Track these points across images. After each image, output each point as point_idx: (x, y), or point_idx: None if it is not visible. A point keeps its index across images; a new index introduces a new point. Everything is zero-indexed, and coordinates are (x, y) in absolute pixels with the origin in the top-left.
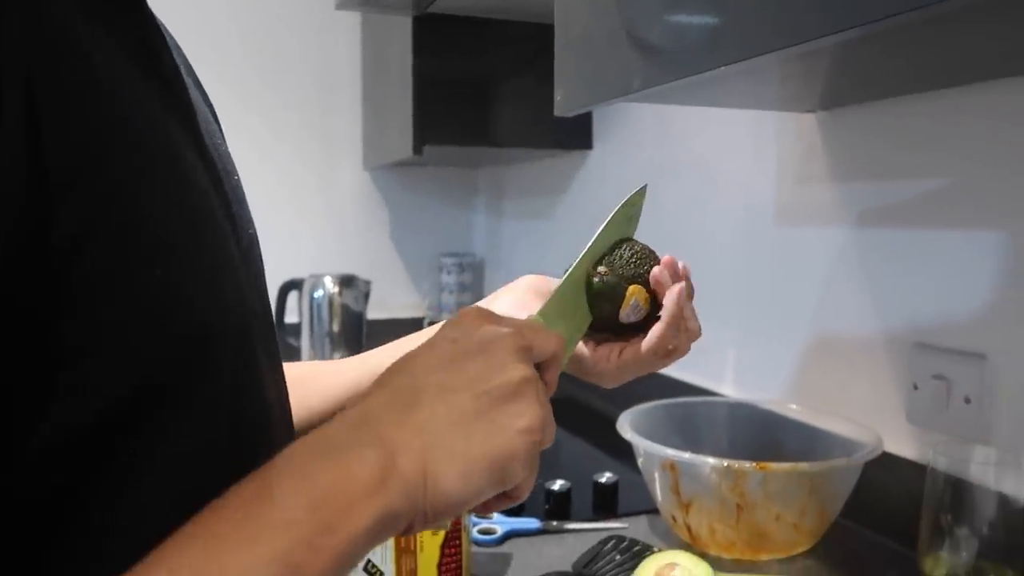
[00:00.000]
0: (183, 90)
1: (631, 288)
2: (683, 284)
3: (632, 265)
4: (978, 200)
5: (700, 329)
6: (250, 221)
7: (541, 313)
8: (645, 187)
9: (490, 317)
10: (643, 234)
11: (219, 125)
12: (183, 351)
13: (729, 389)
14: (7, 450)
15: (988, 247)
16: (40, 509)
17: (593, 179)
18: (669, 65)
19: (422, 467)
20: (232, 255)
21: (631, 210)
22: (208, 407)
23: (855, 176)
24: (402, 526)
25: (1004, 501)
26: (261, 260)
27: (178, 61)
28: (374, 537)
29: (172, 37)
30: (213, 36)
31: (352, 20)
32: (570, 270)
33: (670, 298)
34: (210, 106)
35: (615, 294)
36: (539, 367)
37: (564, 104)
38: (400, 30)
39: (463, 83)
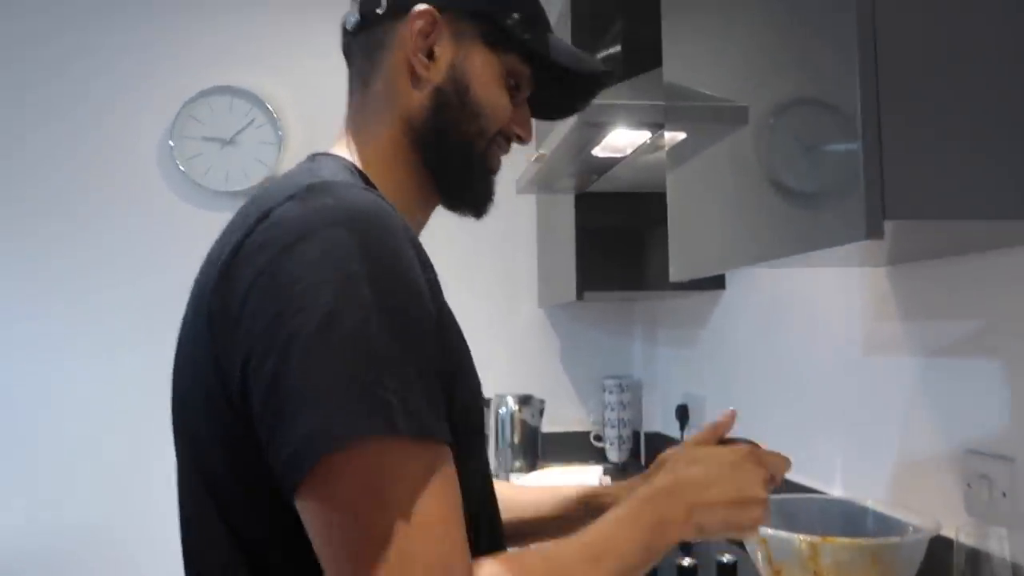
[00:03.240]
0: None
1: None
2: None
3: None
4: (1003, 337)
5: None
6: None
7: None
8: None
9: (754, 453)
10: (769, 357)
11: None
12: (476, 413)
13: (837, 490)
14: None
15: (1017, 373)
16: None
17: (727, 313)
18: (749, 251)
19: (692, 528)
20: (478, 380)
21: None
22: (482, 445)
23: (917, 317)
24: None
25: (1016, 569)
26: None
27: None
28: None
29: None
30: None
31: (530, 197)
32: None
33: None
34: None
35: None
36: None
37: (676, 273)
38: (565, 203)
39: (615, 242)
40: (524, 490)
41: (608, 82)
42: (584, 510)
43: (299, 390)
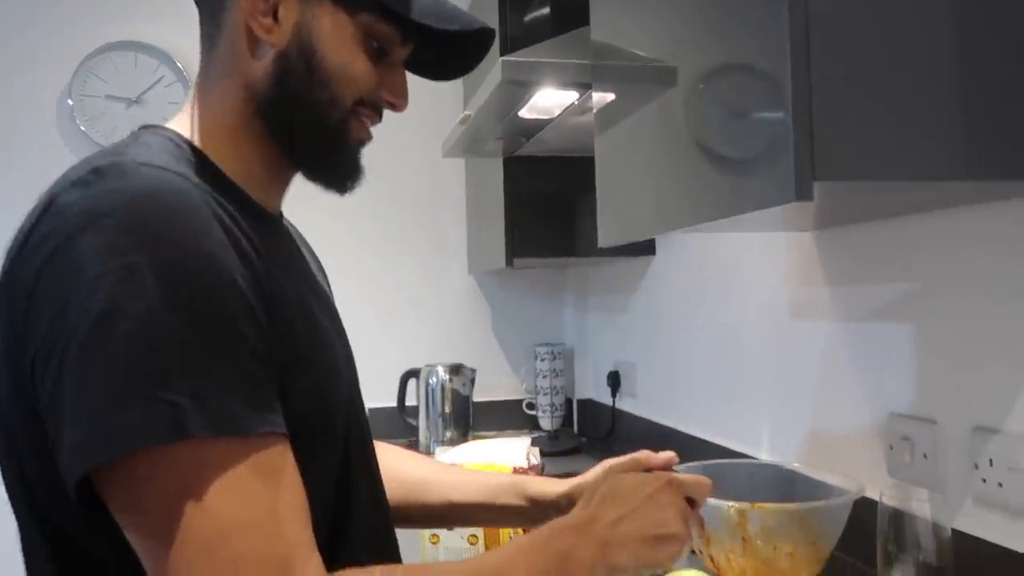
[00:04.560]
0: (313, 278)
1: None
2: None
3: None
4: (926, 301)
5: None
6: (348, 346)
7: None
8: None
9: (672, 483)
10: (698, 322)
11: (328, 282)
12: (321, 406)
13: (764, 453)
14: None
15: (938, 337)
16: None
17: (657, 279)
18: (678, 215)
19: (604, 567)
20: (342, 370)
21: None
22: (331, 440)
23: (842, 281)
24: None
25: (937, 529)
26: (355, 369)
27: (304, 251)
28: None
29: (298, 232)
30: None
31: (458, 161)
32: None
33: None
34: (322, 270)
35: None
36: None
37: (605, 238)
38: (494, 168)
39: (545, 207)
40: (453, 471)
41: (489, 38)
42: (519, 499)
43: (75, 399)
